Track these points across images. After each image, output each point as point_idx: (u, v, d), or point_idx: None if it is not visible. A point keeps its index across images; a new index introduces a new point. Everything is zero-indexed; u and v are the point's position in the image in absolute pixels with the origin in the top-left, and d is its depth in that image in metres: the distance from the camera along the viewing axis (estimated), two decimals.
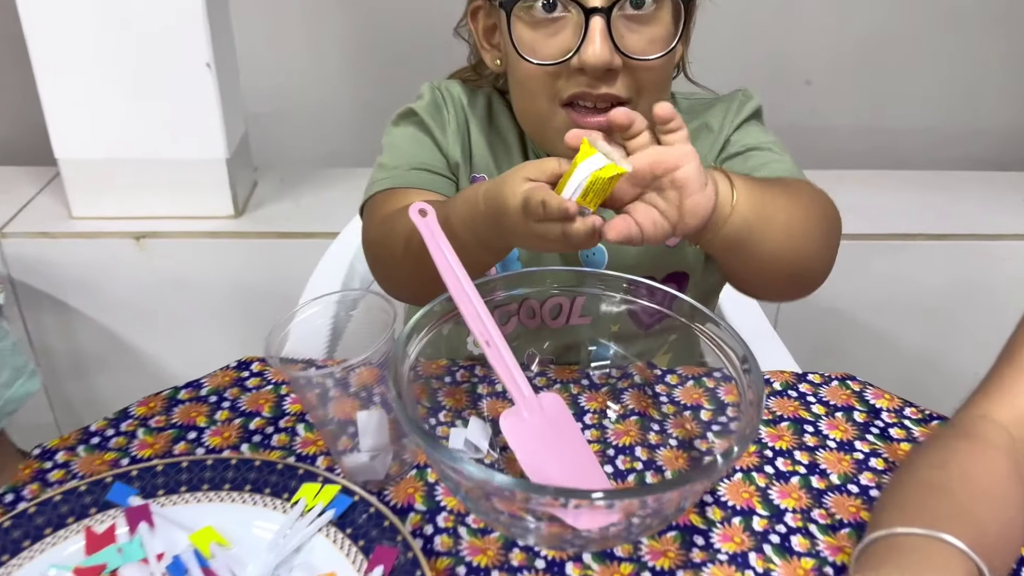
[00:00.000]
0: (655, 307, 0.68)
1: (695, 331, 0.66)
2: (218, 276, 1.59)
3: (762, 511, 0.64)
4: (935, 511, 0.54)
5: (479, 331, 0.63)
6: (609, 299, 0.71)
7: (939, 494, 0.56)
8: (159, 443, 0.70)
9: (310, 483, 0.63)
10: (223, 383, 0.76)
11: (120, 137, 1.52)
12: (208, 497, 0.63)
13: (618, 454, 0.69)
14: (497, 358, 0.63)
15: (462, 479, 0.53)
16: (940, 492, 0.57)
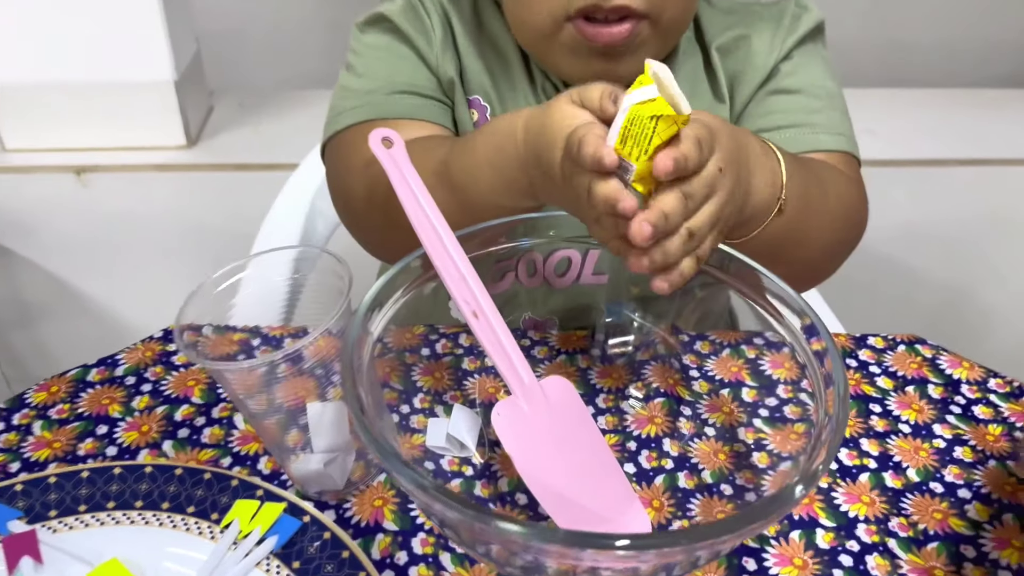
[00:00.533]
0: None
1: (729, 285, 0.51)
2: (170, 213, 1.43)
3: (827, 521, 0.51)
4: None
5: (463, 298, 0.48)
6: None
7: None
8: (60, 440, 0.55)
9: (246, 499, 0.48)
10: (144, 360, 0.61)
11: (55, 58, 1.34)
12: (115, 518, 0.48)
13: (641, 448, 0.54)
14: (487, 333, 0.48)
15: (444, 515, 0.38)
16: None
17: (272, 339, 0.62)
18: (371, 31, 0.69)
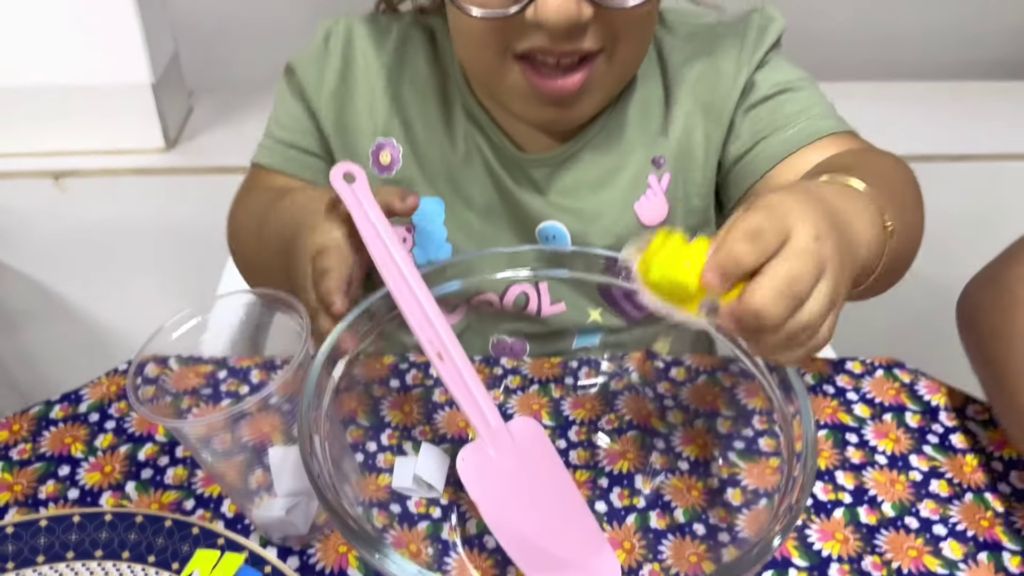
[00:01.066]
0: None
1: None
2: (149, 217, 1.42)
3: (800, 560, 0.50)
4: None
5: (428, 339, 0.47)
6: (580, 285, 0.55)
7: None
8: (21, 482, 0.54)
9: (206, 549, 0.47)
10: (108, 395, 0.60)
11: (29, 62, 1.32)
12: (73, 570, 0.47)
13: (613, 485, 0.54)
14: (453, 375, 0.47)
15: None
16: None
17: (238, 371, 0.60)
18: (284, 78, 0.70)
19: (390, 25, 0.68)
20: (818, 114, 0.63)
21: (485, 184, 0.67)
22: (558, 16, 0.50)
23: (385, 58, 0.67)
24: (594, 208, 0.65)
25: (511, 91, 0.58)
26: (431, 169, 0.67)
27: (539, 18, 0.51)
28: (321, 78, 0.67)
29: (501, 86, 0.59)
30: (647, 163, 0.65)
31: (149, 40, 1.33)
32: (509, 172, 0.66)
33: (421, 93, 0.67)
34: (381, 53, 0.67)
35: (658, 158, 0.65)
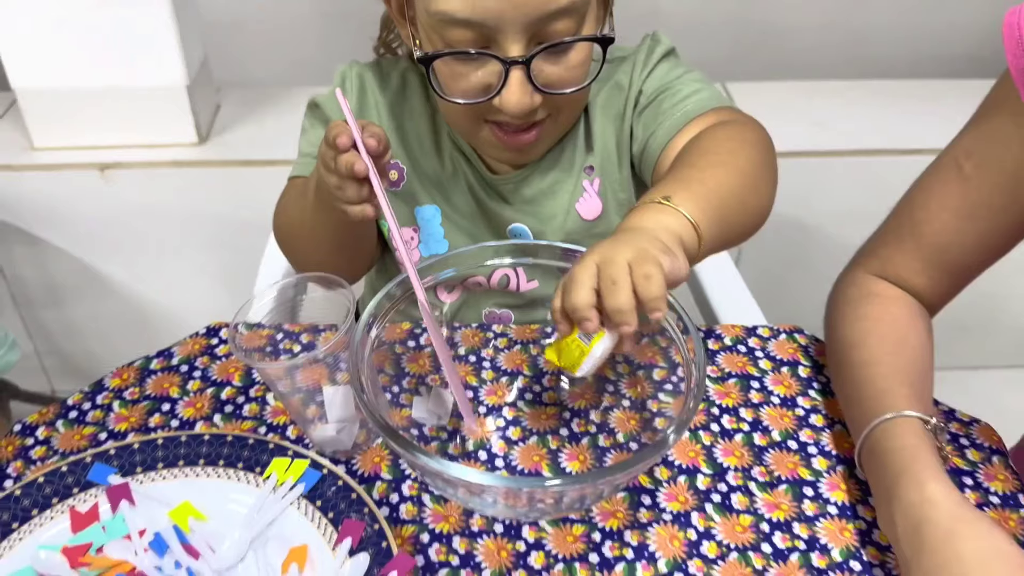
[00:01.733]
0: None
1: None
2: (184, 204, 1.59)
3: (706, 470, 0.69)
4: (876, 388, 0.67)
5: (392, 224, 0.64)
6: (547, 267, 0.73)
7: (872, 370, 0.68)
8: (134, 416, 0.73)
9: (280, 457, 0.66)
10: (193, 352, 0.79)
11: (77, 66, 1.49)
12: (184, 473, 0.66)
13: (573, 417, 0.72)
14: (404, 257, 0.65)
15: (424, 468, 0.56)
16: (872, 367, 0.69)
17: (292, 334, 0.79)
18: (309, 114, 0.88)
19: (391, 69, 0.87)
20: (685, 100, 0.78)
21: (467, 195, 0.86)
22: (517, 107, 0.69)
23: (390, 96, 0.86)
24: (548, 211, 0.85)
25: (484, 142, 0.78)
26: (428, 183, 0.86)
27: (502, 106, 0.69)
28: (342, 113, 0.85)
29: (476, 139, 0.79)
30: (581, 172, 0.85)
31: (184, 47, 1.49)
32: (483, 188, 0.86)
33: (417, 124, 0.86)
34: (386, 93, 0.86)
35: (588, 167, 0.84)
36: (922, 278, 0.75)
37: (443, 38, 0.68)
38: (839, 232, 1.79)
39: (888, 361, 0.69)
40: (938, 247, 0.74)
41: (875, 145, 1.67)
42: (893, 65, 2.08)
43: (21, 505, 0.63)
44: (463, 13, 0.65)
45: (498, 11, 0.64)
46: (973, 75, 2.01)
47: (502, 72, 0.68)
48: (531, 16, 0.65)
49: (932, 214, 0.74)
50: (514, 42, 0.67)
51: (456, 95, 0.71)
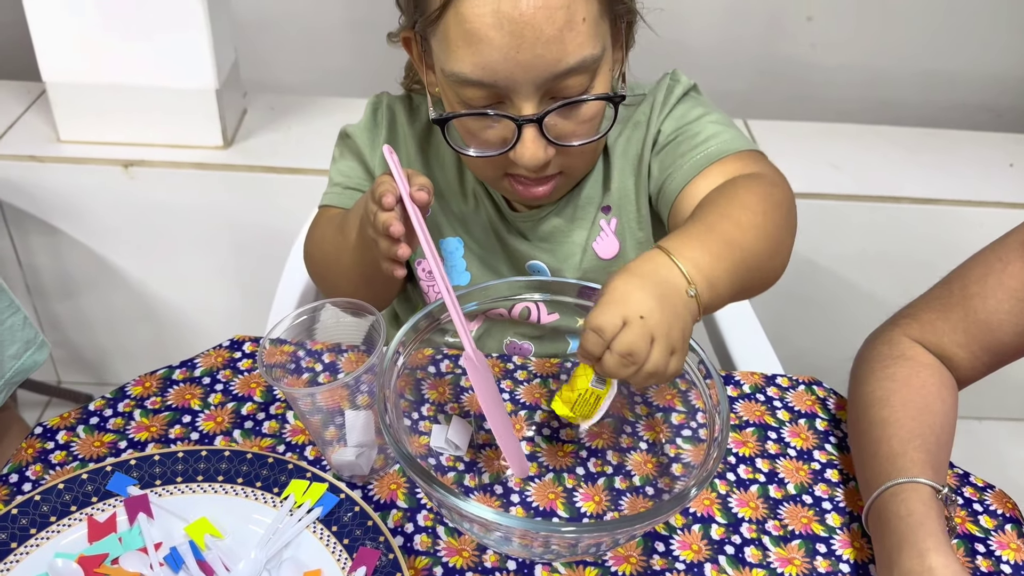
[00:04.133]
0: None
1: None
2: (205, 206, 1.60)
3: (721, 519, 0.69)
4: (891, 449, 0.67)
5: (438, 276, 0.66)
6: (565, 304, 0.74)
7: (891, 430, 0.68)
8: (155, 425, 0.73)
9: (299, 479, 0.67)
10: (216, 364, 0.79)
11: (108, 62, 1.50)
12: (203, 488, 0.67)
13: (590, 456, 0.73)
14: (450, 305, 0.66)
15: (443, 504, 0.56)
16: (891, 428, 0.69)
17: (314, 352, 0.80)
18: (340, 143, 0.90)
19: (420, 103, 0.87)
20: (706, 142, 0.78)
21: (487, 230, 0.87)
22: (531, 161, 0.70)
23: (418, 128, 0.87)
24: (565, 250, 0.85)
25: (503, 189, 0.80)
26: (452, 216, 0.87)
27: (517, 160, 0.71)
28: (374, 144, 0.86)
29: (496, 186, 0.82)
30: (598, 212, 0.85)
31: (216, 51, 1.51)
32: (503, 224, 0.86)
33: (443, 159, 0.87)
34: (415, 125, 0.87)
35: (605, 207, 0.85)
36: (963, 351, 0.75)
37: (459, 96, 0.70)
38: (850, 274, 1.79)
39: (908, 425, 0.69)
40: (987, 325, 0.74)
41: (890, 192, 1.67)
42: (911, 110, 2.09)
43: (40, 511, 0.64)
44: (476, 75, 0.67)
45: (508, 73, 0.66)
46: (990, 127, 2.03)
47: (516, 128, 0.69)
48: (541, 77, 0.67)
49: (988, 290, 0.74)
50: (526, 100, 0.68)
51: (473, 148, 0.74)
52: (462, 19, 0.66)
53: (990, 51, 2.03)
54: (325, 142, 1.61)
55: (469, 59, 0.67)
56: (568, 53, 0.66)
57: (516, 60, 0.66)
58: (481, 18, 0.65)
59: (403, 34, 0.76)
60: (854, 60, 2.06)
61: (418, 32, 0.73)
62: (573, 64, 0.67)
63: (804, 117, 1.99)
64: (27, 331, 0.85)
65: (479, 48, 0.66)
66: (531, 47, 0.65)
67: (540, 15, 0.64)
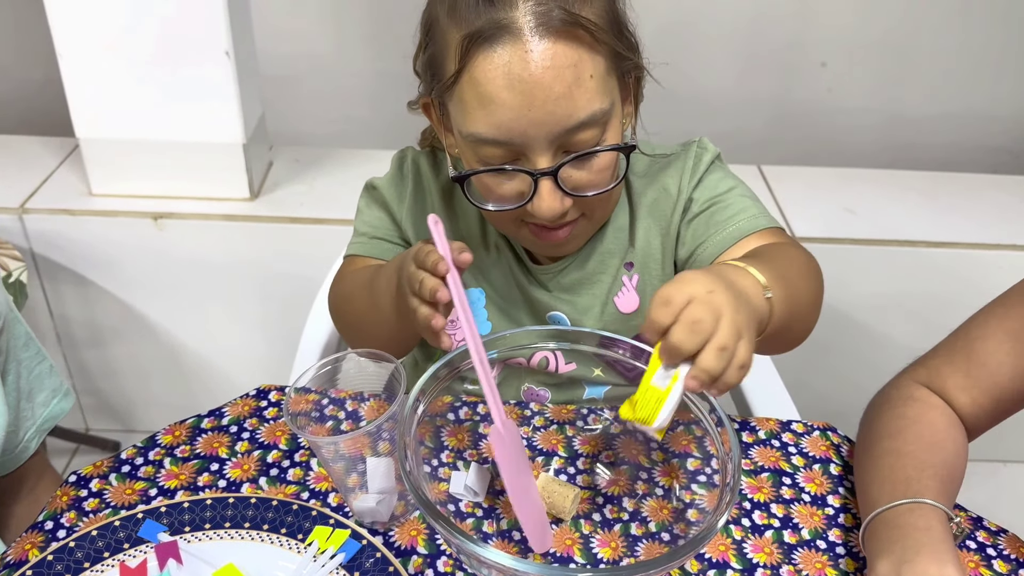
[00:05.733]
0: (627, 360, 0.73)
1: None
2: (233, 257, 1.64)
3: (736, 564, 0.70)
4: (906, 474, 0.69)
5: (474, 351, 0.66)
6: (585, 353, 0.76)
7: (904, 459, 0.71)
8: (184, 473, 0.76)
9: (322, 526, 0.69)
10: (243, 412, 0.82)
11: (140, 119, 1.55)
12: (230, 535, 0.69)
13: (607, 503, 0.74)
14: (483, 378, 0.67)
15: (461, 551, 0.58)
16: (904, 457, 0.71)
17: (337, 400, 0.82)
18: (366, 195, 0.93)
19: (443, 157, 0.89)
20: (738, 216, 0.82)
21: (509, 281, 0.89)
22: (548, 212, 0.73)
23: (443, 182, 0.90)
24: (585, 302, 0.88)
25: (523, 239, 0.83)
26: (474, 267, 0.89)
27: (535, 212, 0.74)
28: (401, 196, 0.89)
29: (516, 236, 0.84)
30: (621, 267, 0.87)
31: (244, 106, 1.56)
32: (524, 275, 0.89)
33: (466, 211, 0.90)
34: (440, 179, 0.90)
35: (628, 263, 0.87)
36: (965, 396, 0.76)
37: (477, 154, 0.74)
38: (867, 319, 1.80)
39: (921, 457, 0.71)
40: (987, 367, 0.76)
41: (905, 236, 1.68)
42: (929, 152, 2.10)
43: (74, 557, 0.66)
44: (491, 134, 0.71)
45: (522, 130, 0.70)
46: (1009, 169, 2.04)
47: (533, 182, 0.72)
48: (553, 132, 0.70)
49: (989, 332, 0.76)
50: (541, 155, 0.71)
51: (492, 203, 0.77)
52: (476, 83, 0.69)
53: (1006, 93, 2.05)
54: (348, 193, 1.66)
55: (484, 120, 0.70)
56: (578, 108, 0.70)
57: (529, 118, 0.69)
58: (493, 81, 0.68)
59: (422, 100, 0.80)
60: (870, 104, 2.09)
61: (435, 98, 0.77)
62: (583, 119, 0.70)
63: (821, 161, 2.01)
64: (53, 379, 0.88)
65: (493, 109, 0.69)
66: (542, 105, 0.69)
67: (549, 75, 0.68)
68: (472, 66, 0.69)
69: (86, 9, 1.44)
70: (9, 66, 1.93)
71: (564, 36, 0.68)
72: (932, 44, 1.98)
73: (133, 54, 1.48)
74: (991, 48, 1.99)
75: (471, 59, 0.69)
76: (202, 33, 1.47)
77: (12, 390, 0.82)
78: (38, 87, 1.85)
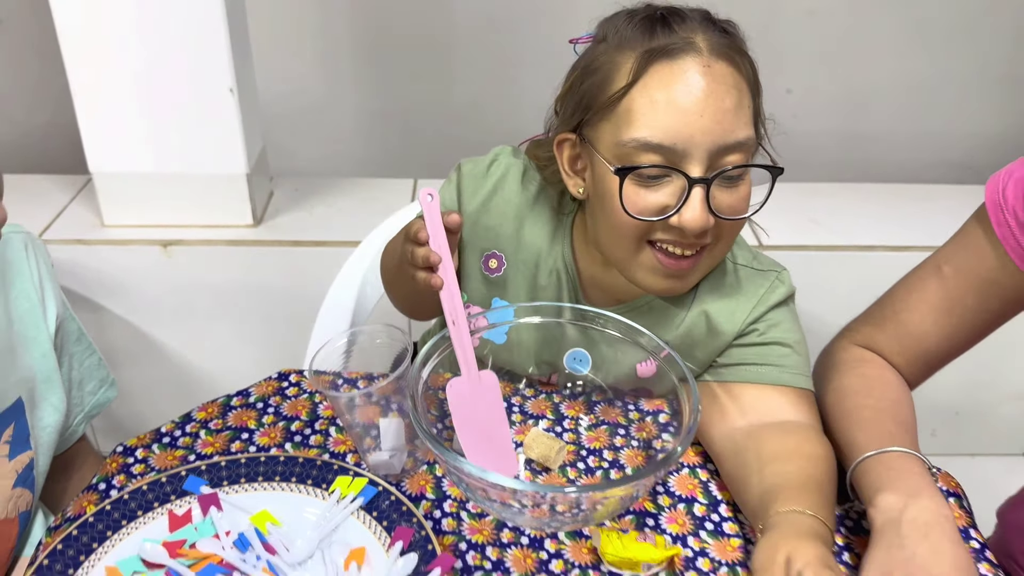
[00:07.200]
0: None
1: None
2: (238, 280, 1.75)
3: (702, 500, 0.81)
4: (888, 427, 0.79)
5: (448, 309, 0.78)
6: None
7: (882, 415, 0.81)
8: (218, 442, 0.86)
9: (343, 476, 0.79)
10: (267, 392, 0.93)
11: (150, 153, 1.67)
12: (263, 487, 0.79)
13: (589, 454, 0.85)
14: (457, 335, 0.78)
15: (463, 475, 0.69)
16: (881, 413, 0.81)
17: (351, 380, 0.93)
18: (453, 172, 0.96)
19: (533, 178, 0.93)
20: (789, 368, 0.87)
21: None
22: (695, 224, 0.77)
23: (525, 197, 0.93)
24: (610, 356, 0.86)
25: (641, 265, 0.83)
26: (516, 286, 0.94)
27: (682, 223, 0.77)
28: (475, 191, 0.93)
29: (633, 262, 0.83)
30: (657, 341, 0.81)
31: (246, 140, 1.68)
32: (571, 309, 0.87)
33: (537, 232, 0.93)
34: (523, 194, 0.93)
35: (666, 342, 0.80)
36: (899, 359, 0.88)
37: (630, 163, 0.77)
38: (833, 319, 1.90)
39: (893, 411, 0.81)
40: (915, 336, 0.87)
41: (867, 242, 1.81)
42: (894, 168, 2.23)
43: (128, 507, 0.76)
44: (657, 138, 0.76)
45: (690, 135, 0.75)
46: (970, 183, 2.17)
47: (684, 191, 0.77)
48: (716, 144, 0.75)
49: (912, 306, 0.88)
50: (697, 164, 0.76)
51: (636, 212, 0.79)
52: (650, 90, 0.76)
53: (965, 111, 2.18)
54: (344, 217, 1.79)
55: (654, 123, 0.76)
56: (738, 127, 0.77)
57: (699, 124, 0.75)
58: (672, 87, 0.75)
59: (559, 136, 0.85)
60: (835, 126, 2.22)
61: (580, 131, 0.82)
62: (741, 139, 0.77)
63: (788, 180, 2.13)
64: (101, 371, 0.99)
65: (667, 111, 0.75)
66: (712, 114, 0.75)
67: (721, 89, 0.76)
68: (647, 77, 0.76)
69: (100, 53, 1.56)
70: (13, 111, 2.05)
71: (733, 63, 0.77)
72: (892, 67, 2.12)
73: (143, 93, 1.60)
74: (947, 70, 2.13)
75: (647, 70, 0.76)
76: (208, 73, 1.59)
77: (65, 380, 0.93)
78: (54, 130, 1.96)
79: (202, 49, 1.57)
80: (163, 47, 1.55)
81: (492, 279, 0.96)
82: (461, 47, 2.08)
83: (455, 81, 2.11)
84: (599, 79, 0.80)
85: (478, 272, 0.95)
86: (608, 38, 0.80)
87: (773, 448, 0.79)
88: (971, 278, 0.85)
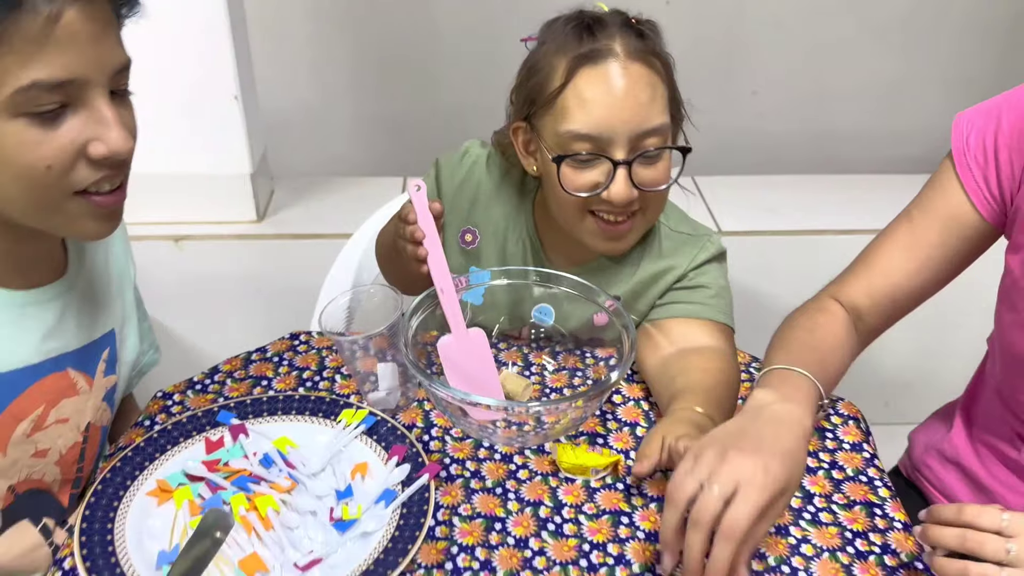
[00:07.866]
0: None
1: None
2: (243, 271, 1.90)
3: (643, 424, 0.98)
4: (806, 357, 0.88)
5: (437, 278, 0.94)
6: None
7: (815, 354, 0.90)
8: (242, 388, 1.03)
9: (348, 409, 0.96)
10: (282, 348, 1.09)
11: (162, 157, 1.82)
12: (282, 419, 0.96)
13: (552, 392, 1.02)
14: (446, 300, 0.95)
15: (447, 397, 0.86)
16: (815, 352, 0.90)
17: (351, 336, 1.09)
18: (431, 168, 1.13)
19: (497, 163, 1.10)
20: (711, 307, 1.04)
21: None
22: (620, 197, 0.93)
23: (493, 180, 1.10)
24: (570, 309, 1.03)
25: (585, 230, 1.00)
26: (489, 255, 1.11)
27: (611, 198, 0.93)
28: (450, 178, 1.11)
29: (579, 227, 1.00)
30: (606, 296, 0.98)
31: (250, 143, 1.84)
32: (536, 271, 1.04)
33: (505, 208, 1.10)
34: (490, 177, 1.10)
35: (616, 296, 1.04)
36: (866, 299, 0.96)
37: (566, 150, 0.94)
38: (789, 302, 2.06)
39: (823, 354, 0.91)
40: (882, 273, 0.95)
41: (819, 227, 1.97)
42: (858, 165, 2.38)
43: (171, 435, 0.92)
44: (586, 129, 0.92)
45: (612, 126, 0.91)
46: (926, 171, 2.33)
47: (611, 171, 0.93)
48: (634, 131, 0.91)
49: (882, 248, 0.96)
50: (620, 149, 0.92)
51: (572, 190, 0.95)
52: (579, 91, 0.92)
53: (922, 109, 2.35)
54: (340, 213, 1.95)
55: (583, 118, 0.91)
56: (653, 116, 0.93)
57: (619, 116, 0.91)
58: (595, 87, 0.91)
59: (514, 125, 1.01)
60: (799, 126, 2.38)
61: (529, 119, 0.98)
62: (656, 125, 0.93)
63: (754, 173, 2.28)
64: (151, 336, 1.14)
65: (592, 108, 0.91)
66: (631, 107, 0.91)
67: (637, 86, 0.91)
68: (577, 79, 0.91)
69: None
70: None
71: (646, 63, 0.92)
72: (854, 67, 2.28)
73: (157, 101, 1.75)
74: (904, 69, 2.29)
75: (576, 74, 0.91)
76: (214, 83, 1.75)
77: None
78: None
79: (209, 61, 1.73)
80: (174, 60, 1.71)
81: (468, 251, 1.13)
82: (445, 58, 2.26)
83: (440, 89, 2.28)
84: (540, 79, 0.95)
85: (456, 245, 1.12)
86: (548, 42, 0.97)
87: (683, 364, 0.98)
88: (934, 215, 0.93)
